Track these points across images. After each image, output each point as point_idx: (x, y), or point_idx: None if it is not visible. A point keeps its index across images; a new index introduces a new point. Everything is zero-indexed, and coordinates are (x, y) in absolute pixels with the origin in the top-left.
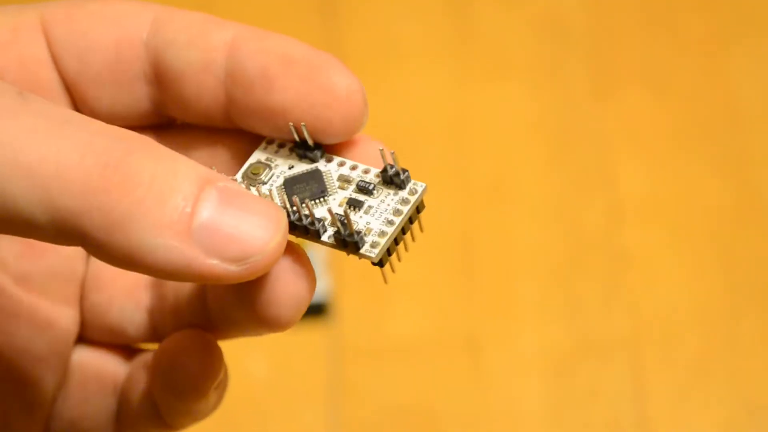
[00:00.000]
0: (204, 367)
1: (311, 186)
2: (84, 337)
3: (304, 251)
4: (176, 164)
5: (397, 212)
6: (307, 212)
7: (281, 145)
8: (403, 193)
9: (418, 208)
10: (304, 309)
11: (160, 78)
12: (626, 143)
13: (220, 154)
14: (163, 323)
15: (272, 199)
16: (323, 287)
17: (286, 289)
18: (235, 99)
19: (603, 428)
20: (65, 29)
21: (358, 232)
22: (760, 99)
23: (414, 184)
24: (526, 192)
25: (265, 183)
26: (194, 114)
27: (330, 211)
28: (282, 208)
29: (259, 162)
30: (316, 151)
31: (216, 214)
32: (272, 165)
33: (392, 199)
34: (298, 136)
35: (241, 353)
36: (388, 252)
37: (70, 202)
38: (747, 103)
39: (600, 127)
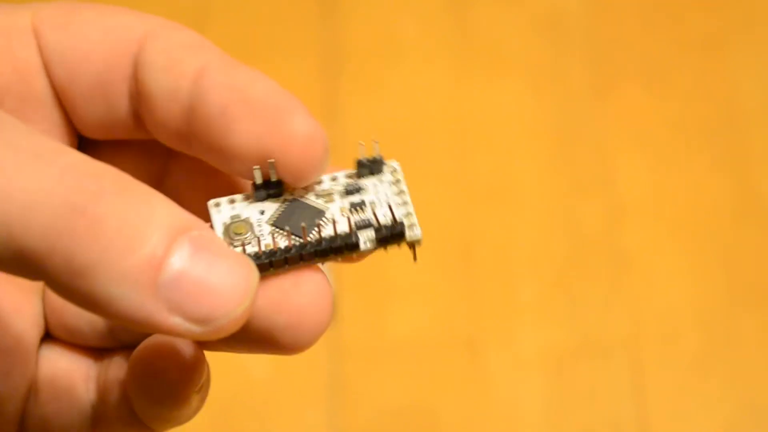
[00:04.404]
0: (183, 373)
1: (303, 215)
2: (51, 333)
3: (326, 282)
4: (150, 208)
5: (400, 192)
6: (331, 232)
7: (232, 200)
8: (388, 176)
9: None
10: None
11: (138, 97)
12: (626, 142)
13: (196, 178)
14: (123, 330)
15: (275, 244)
16: None
17: (312, 319)
18: (194, 131)
19: (603, 428)
20: (59, 36)
21: (396, 222)
22: (760, 97)
23: (390, 162)
24: (526, 191)
25: (255, 237)
26: (164, 138)
27: (349, 220)
28: (254, 266)
29: (233, 222)
30: (279, 187)
31: (184, 270)
32: (245, 218)
33: (383, 184)
34: (261, 177)
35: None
36: None
37: (33, 243)
38: (747, 102)
39: (600, 125)
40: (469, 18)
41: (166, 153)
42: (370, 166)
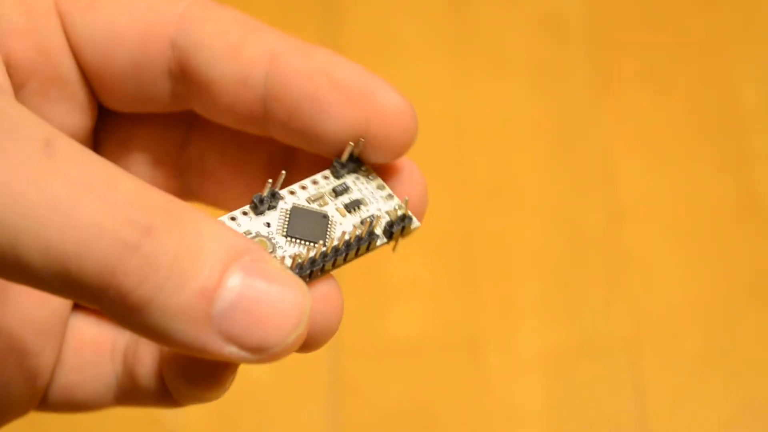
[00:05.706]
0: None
1: (312, 222)
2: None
3: (337, 285)
4: (200, 239)
5: (381, 186)
6: (348, 233)
7: (232, 218)
8: (363, 170)
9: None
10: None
11: (189, 79)
12: (626, 141)
13: (255, 159)
14: None
15: (306, 254)
16: None
17: (321, 324)
18: (276, 117)
19: (603, 428)
20: (87, 19)
21: (405, 214)
22: (761, 97)
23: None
24: (526, 191)
25: (279, 248)
26: (226, 120)
27: (354, 225)
28: (306, 290)
29: (253, 239)
30: (278, 198)
31: (236, 300)
32: (256, 233)
33: (363, 180)
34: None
35: None
36: None
37: (88, 278)
38: (748, 102)
39: (600, 125)
40: (470, 17)
41: (187, 122)
42: (346, 166)
